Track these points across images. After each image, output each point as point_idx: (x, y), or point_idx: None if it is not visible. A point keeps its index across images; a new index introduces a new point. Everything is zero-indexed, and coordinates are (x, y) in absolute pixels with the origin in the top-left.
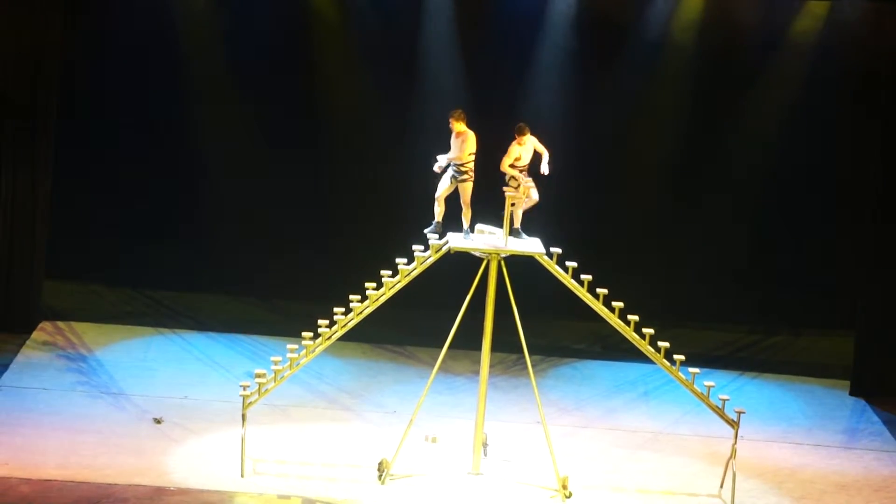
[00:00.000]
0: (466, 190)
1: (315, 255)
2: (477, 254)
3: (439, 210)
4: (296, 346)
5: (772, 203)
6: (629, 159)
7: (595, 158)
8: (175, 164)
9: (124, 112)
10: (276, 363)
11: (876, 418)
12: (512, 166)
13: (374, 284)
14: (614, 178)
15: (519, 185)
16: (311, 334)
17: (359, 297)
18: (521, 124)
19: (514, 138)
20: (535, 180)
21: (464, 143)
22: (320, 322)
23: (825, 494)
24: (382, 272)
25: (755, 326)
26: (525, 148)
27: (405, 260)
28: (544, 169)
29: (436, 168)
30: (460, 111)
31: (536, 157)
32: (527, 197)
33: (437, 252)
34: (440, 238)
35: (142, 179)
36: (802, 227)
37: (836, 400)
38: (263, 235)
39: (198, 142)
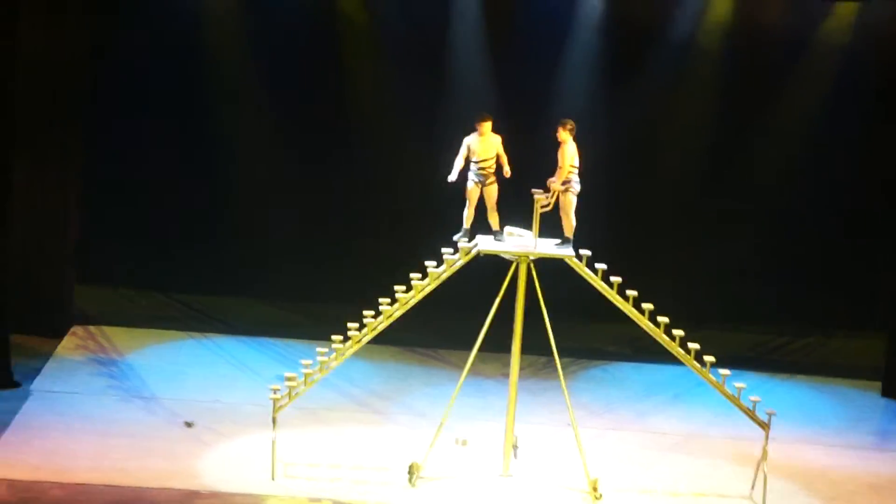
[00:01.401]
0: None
1: (344, 258)
2: (506, 256)
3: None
4: (325, 350)
5: (802, 203)
6: (657, 161)
7: (623, 160)
8: (205, 167)
9: (155, 114)
10: (306, 366)
11: None
12: (475, 162)
13: (403, 287)
14: (642, 179)
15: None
16: (340, 337)
17: (388, 300)
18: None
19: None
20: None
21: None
22: (350, 325)
23: (856, 496)
24: (412, 275)
25: (786, 328)
26: (483, 141)
27: (434, 263)
28: (507, 171)
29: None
30: (570, 122)
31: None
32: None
33: (466, 255)
34: (469, 242)
35: (172, 182)
36: (833, 227)
37: (868, 401)
38: (293, 238)
39: (228, 145)
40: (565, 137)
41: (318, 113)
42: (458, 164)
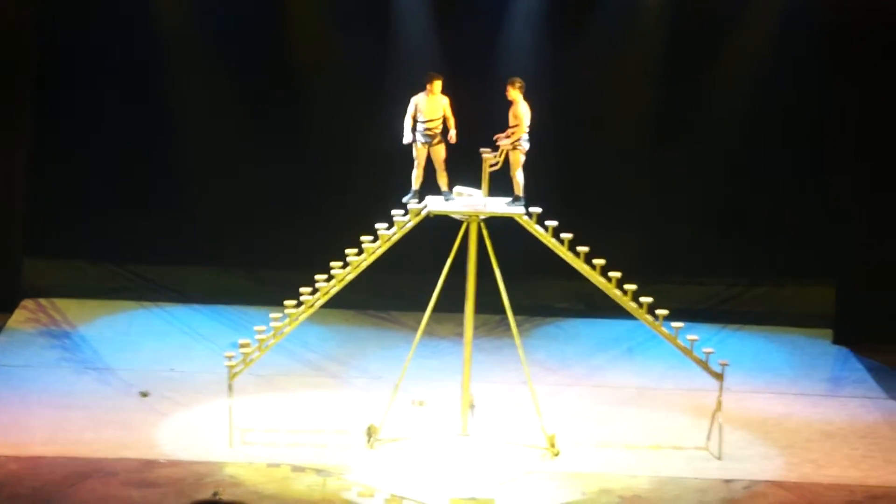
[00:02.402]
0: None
1: (295, 224)
2: (456, 217)
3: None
4: (279, 315)
5: (750, 154)
6: (604, 116)
7: (570, 116)
8: (155, 137)
9: (103, 84)
10: (259, 332)
11: (859, 365)
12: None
13: (355, 251)
14: (590, 135)
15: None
16: (293, 303)
17: (340, 263)
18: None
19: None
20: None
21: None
22: (302, 290)
23: (811, 443)
24: (363, 238)
25: (737, 279)
26: (431, 101)
27: (385, 225)
28: (452, 136)
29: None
30: (521, 81)
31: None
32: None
33: (416, 216)
34: (419, 203)
35: (121, 153)
36: (781, 177)
37: (820, 349)
38: (243, 206)
39: (177, 115)
40: (516, 96)
41: (265, 80)
42: (408, 124)
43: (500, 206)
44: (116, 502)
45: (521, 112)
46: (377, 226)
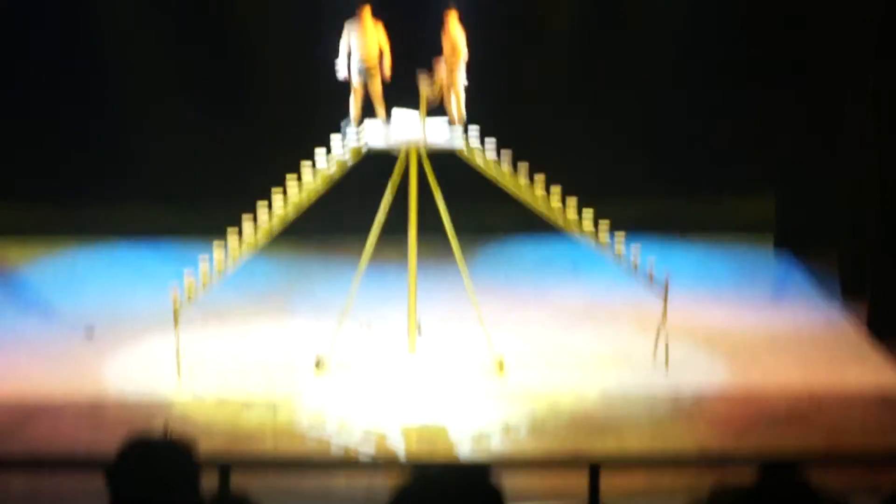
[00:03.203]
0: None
1: (237, 155)
2: (395, 153)
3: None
4: (222, 247)
5: (687, 67)
6: (544, 33)
7: (510, 35)
8: (87, 72)
9: (37, 21)
10: (203, 266)
11: (801, 271)
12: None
13: (294, 176)
14: (530, 54)
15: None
16: (236, 234)
17: (281, 189)
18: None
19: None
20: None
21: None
22: (244, 216)
23: (757, 349)
24: (303, 162)
25: (677, 190)
26: (364, 31)
27: (324, 150)
28: (386, 74)
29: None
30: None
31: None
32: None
33: (355, 154)
34: (358, 126)
35: (57, 91)
36: (720, 86)
37: (762, 256)
38: (181, 138)
39: (112, 50)
40: (453, 25)
41: (197, 14)
42: (343, 55)
43: (440, 133)
44: (66, 441)
45: (458, 41)
46: (316, 158)
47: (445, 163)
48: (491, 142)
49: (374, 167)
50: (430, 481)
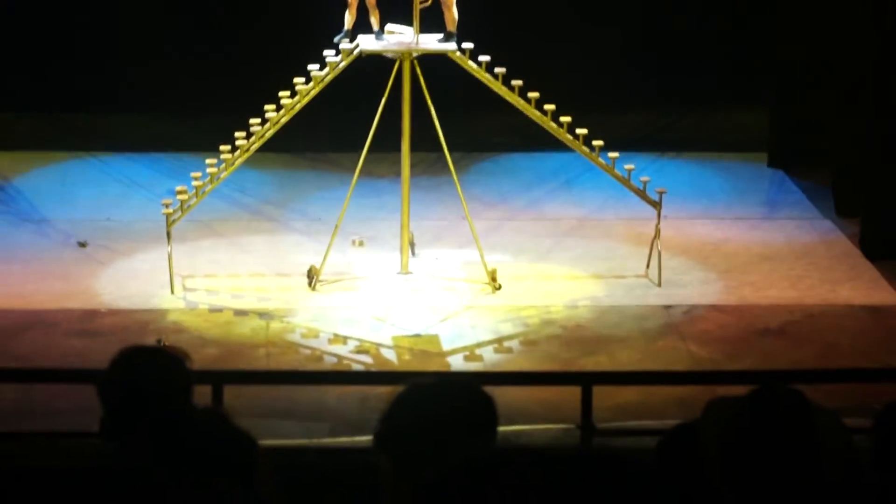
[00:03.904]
0: None
1: (227, 68)
2: (388, 55)
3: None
4: (215, 161)
5: None
6: None
7: None
8: None
9: None
10: (196, 178)
11: (794, 188)
12: None
13: (287, 93)
14: None
15: None
16: (229, 147)
17: (274, 106)
18: None
19: None
20: None
21: None
22: (237, 134)
23: (749, 265)
24: (295, 80)
25: (670, 107)
26: None
27: (317, 66)
28: None
29: None
30: None
31: None
32: None
33: (347, 57)
34: (350, 41)
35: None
36: (712, 4)
37: (755, 173)
38: (173, 50)
39: None
40: None
41: None
42: None
43: (433, 43)
44: (59, 352)
45: None
46: (309, 67)
47: (439, 76)
48: (484, 58)
49: (367, 84)
50: (423, 390)
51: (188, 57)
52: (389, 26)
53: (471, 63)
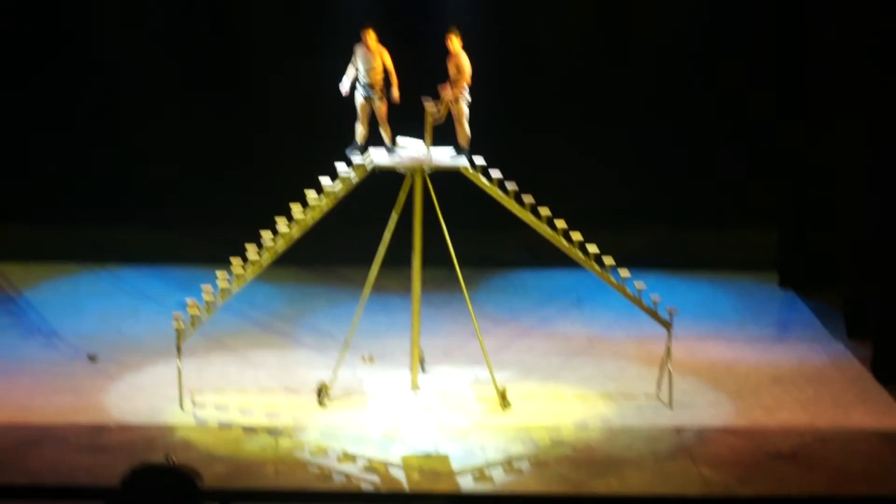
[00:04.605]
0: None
1: (239, 181)
2: (401, 170)
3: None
4: (225, 274)
5: (692, 101)
6: (546, 64)
7: (513, 66)
8: (92, 97)
9: (42, 48)
10: (207, 293)
11: (805, 308)
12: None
13: (299, 206)
14: (533, 84)
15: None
16: (240, 261)
17: (285, 219)
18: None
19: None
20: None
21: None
22: (248, 246)
23: (760, 387)
24: (308, 192)
25: (681, 226)
26: (369, 53)
27: (328, 179)
28: (395, 94)
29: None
30: (456, 30)
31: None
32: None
33: (360, 172)
34: (362, 154)
35: (59, 115)
36: (723, 123)
37: (766, 293)
38: (185, 165)
39: (114, 75)
40: (456, 47)
41: (199, 36)
42: (348, 76)
43: (445, 158)
44: (68, 468)
45: (464, 63)
46: (321, 179)
47: (450, 191)
48: (495, 172)
49: (379, 198)
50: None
51: (199, 171)
52: (401, 140)
53: (482, 179)
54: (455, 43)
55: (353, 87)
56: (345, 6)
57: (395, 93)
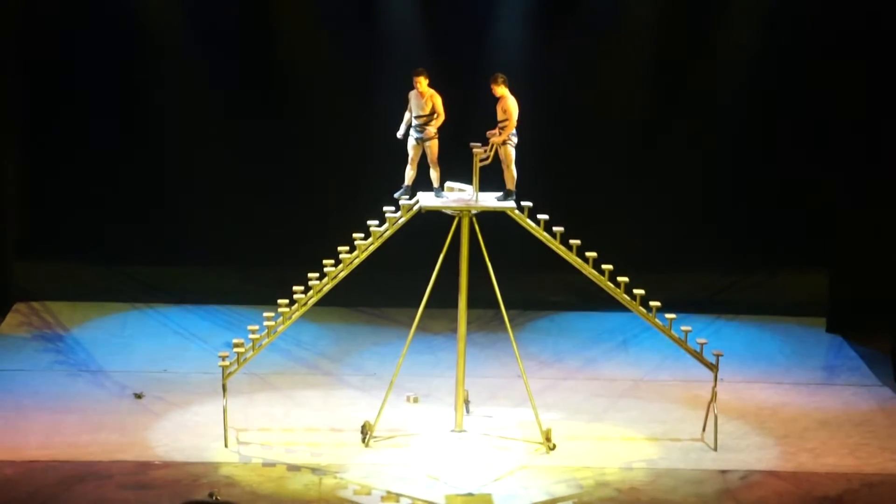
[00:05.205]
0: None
1: (286, 222)
2: (448, 212)
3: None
4: (272, 314)
5: (742, 144)
6: (596, 108)
7: (562, 109)
8: (143, 136)
9: (91, 87)
10: (253, 332)
11: (853, 353)
12: (414, 118)
13: (346, 248)
14: (582, 128)
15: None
16: (286, 301)
17: (332, 261)
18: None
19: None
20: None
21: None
22: (295, 288)
23: (807, 431)
24: (355, 235)
25: (729, 268)
26: (419, 96)
27: (377, 222)
28: (431, 131)
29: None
30: (503, 76)
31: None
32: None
33: (407, 212)
34: (410, 196)
35: (110, 155)
36: (773, 166)
37: (813, 337)
38: (233, 204)
39: (166, 116)
40: (502, 91)
41: (254, 79)
42: (406, 119)
43: (492, 200)
44: None
45: (510, 106)
46: (369, 222)
47: (497, 234)
48: (542, 217)
49: (426, 241)
50: None
51: (247, 212)
52: (449, 183)
53: (529, 221)
54: (501, 88)
55: (406, 132)
56: (399, 51)
57: (432, 131)
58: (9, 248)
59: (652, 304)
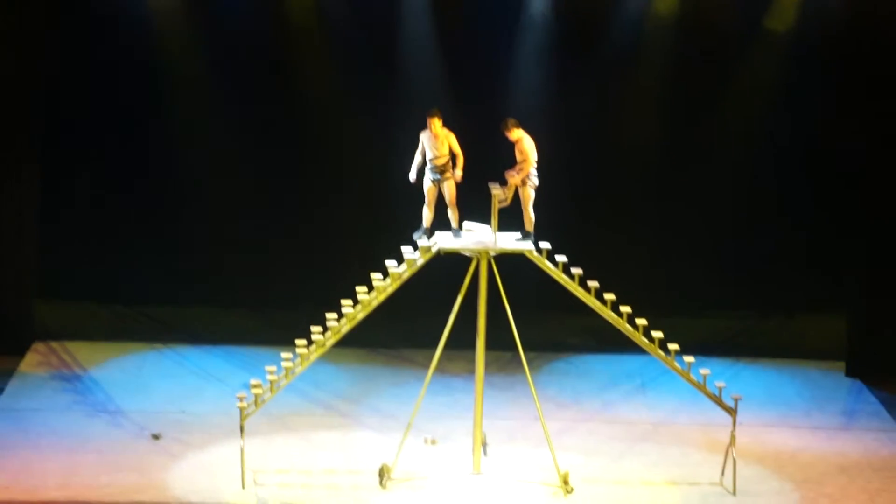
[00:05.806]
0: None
1: (305, 263)
2: (466, 253)
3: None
4: (290, 355)
5: (759, 187)
6: (614, 150)
7: (580, 151)
8: (163, 178)
9: (108, 129)
10: (271, 373)
11: (873, 398)
12: (430, 159)
13: (365, 289)
14: (600, 169)
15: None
16: (304, 342)
17: (351, 302)
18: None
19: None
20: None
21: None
22: (313, 329)
23: (826, 477)
24: (373, 276)
25: (748, 312)
26: (435, 137)
27: (395, 262)
28: (458, 175)
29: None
30: (514, 119)
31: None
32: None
33: (426, 254)
34: (428, 238)
35: (129, 194)
36: (791, 210)
37: (833, 382)
38: (252, 245)
39: (183, 156)
40: (518, 134)
41: (270, 119)
42: (417, 161)
43: (510, 242)
44: None
45: (527, 147)
46: (387, 262)
47: (515, 275)
48: (561, 259)
49: (444, 282)
50: None
51: (265, 252)
52: (467, 224)
53: (547, 263)
54: (514, 131)
55: (420, 173)
56: (414, 92)
57: (459, 173)
58: (29, 288)
59: (670, 346)
